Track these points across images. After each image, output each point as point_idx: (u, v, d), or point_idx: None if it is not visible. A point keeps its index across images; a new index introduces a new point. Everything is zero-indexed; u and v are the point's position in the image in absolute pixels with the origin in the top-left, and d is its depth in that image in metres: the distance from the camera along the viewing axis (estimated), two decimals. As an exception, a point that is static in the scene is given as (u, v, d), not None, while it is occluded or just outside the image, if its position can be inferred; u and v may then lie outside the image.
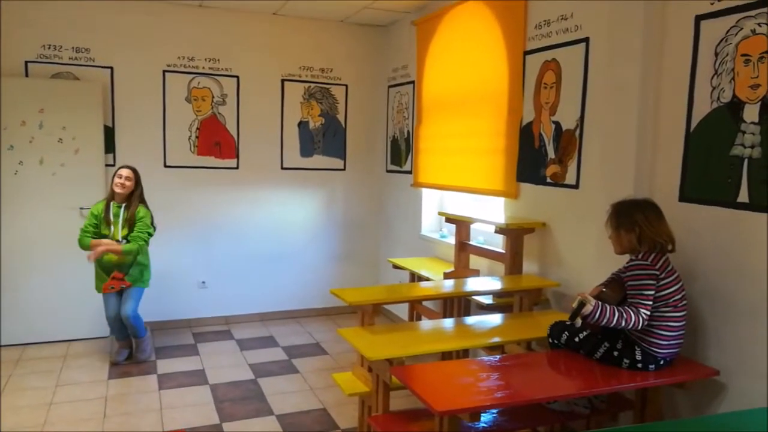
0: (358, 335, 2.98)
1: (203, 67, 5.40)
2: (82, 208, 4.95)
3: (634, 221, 2.62)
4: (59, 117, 4.83)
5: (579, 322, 2.58)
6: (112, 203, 4.43)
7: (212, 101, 5.47)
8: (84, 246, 4.37)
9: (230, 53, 5.47)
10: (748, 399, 2.57)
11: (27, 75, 4.86)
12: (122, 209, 4.43)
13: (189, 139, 5.43)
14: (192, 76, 5.38)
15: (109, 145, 5.13)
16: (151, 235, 4.52)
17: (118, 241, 4.39)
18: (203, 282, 5.58)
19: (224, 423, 3.65)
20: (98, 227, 4.40)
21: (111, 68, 5.11)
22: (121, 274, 4.48)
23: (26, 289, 4.86)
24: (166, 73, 5.30)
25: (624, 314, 2.51)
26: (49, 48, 4.91)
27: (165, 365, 4.58)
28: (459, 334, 3.17)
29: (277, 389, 4.18)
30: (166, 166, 5.37)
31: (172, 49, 5.29)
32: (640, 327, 2.53)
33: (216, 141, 5.52)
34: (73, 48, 4.98)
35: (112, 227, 4.41)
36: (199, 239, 5.51)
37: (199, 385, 4.23)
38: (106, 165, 5.10)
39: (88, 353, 4.78)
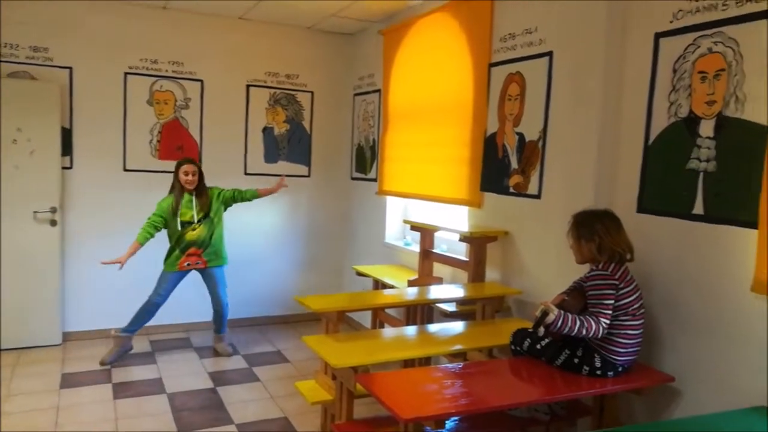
0: (323, 343, 2.97)
1: (166, 71, 5.31)
2: (36, 212, 4.79)
3: (595, 231, 2.69)
4: (14, 117, 4.67)
5: (542, 330, 2.63)
6: (183, 193, 4.61)
7: (175, 105, 5.38)
8: (139, 239, 4.50)
9: (194, 57, 5.39)
10: (701, 405, 2.65)
11: (-20, 73, 4.69)
12: (193, 196, 4.64)
13: (150, 142, 5.32)
14: (154, 79, 5.28)
15: (67, 148, 4.99)
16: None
17: (196, 222, 4.63)
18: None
19: (182, 433, 3.57)
20: (166, 221, 4.59)
21: (70, 69, 4.98)
22: (198, 251, 4.67)
23: (-26, 294, 4.67)
24: (128, 75, 5.18)
25: (585, 323, 2.57)
26: (5, 46, 4.75)
27: (120, 374, 4.45)
28: (422, 342, 3.19)
29: (238, 398, 4.11)
30: (125, 169, 5.24)
31: (135, 51, 5.19)
32: (600, 335, 2.59)
33: (178, 145, 5.43)
34: (30, 47, 4.83)
35: (189, 212, 4.63)
36: (159, 244, 5.36)
37: (156, 394, 4.12)
38: (63, 168, 4.95)
39: (40, 361, 4.61)
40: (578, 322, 2.56)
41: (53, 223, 4.87)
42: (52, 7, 4.86)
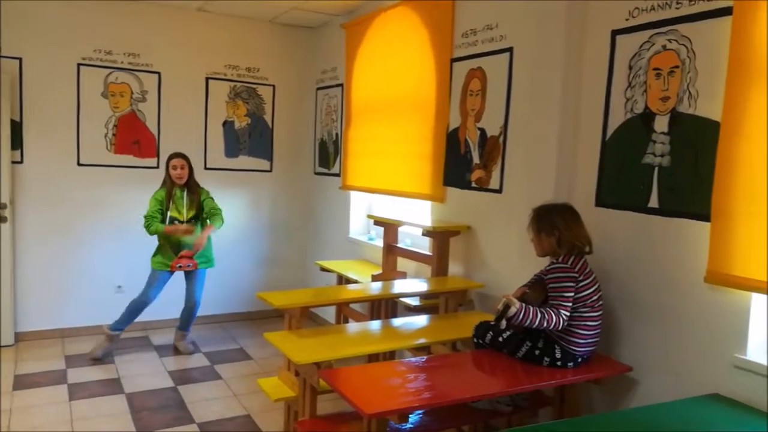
0: (286, 339, 2.94)
1: (122, 62, 5.17)
2: (-16, 208, 4.61)
3: (554, 225, 2.73)
4: (-41, 109, 4.48)
5: (504, 323, 2.66)
6: (174, 188, 4.59)
7: (131, 98, 5.24)
8: (154, 231, 4.50)
9: (151, 48, 5.26)
10: (658, 393, 2.71)
11: None
12: (185, 193, 4.63)
13: (105, 136, 5.17)
14: (109, 70, 5.13)
15: (16, 141, 4.80)
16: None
17: (186, 221, 4.61)
18: (119, 286, 5.31)
19: (142, 433, 3.49)
20: (163, 212, 4.56)
21: (20, 59, 4.79)
22: (190, 253, 4.64)
23: None
24: (81, 67, 5.02)
25: (546, 315, 2.60)
26: (-18, 41, 4.55)
27: (76, 374, 4.33)
28: (386, 336, 3.19)
29: (199, 396, 4.04)
30: (79, 164, 5.08)
31: (88, 42, 5.03)
32: (560, 327, 2.63)
33: (135, 139, 5.29)
34: (-24, 36, 4.63)
35: (178, 210, 4.62)
36: (115, 241, 5.24)
37: (114, 394, 4.02)
38: (13, 162, 4.77)
39: (-10, 363, 4.45)
40: (539, 315, 2.60)
41: (3, 219, 4.70)
42: (0, -6, 4.67)
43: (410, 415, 2.73)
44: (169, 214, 4.58)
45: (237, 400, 4.01)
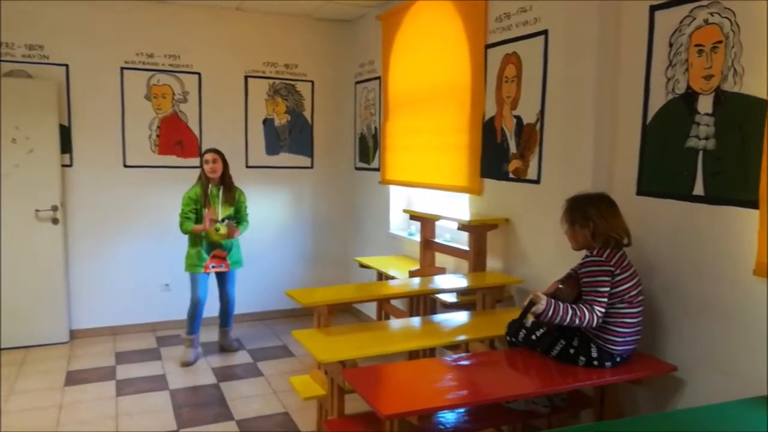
0: (312, 337, 2.90)
1: (163, 64, 5.27)
2: (37, 211, 4.80)
3: (588, 216, 2.57)
4: (12, 116, 4.67)
5: (529, 320, 2.53)
6: (210, 186, 4.51)
7: (173, 99, 5.34)
8: (186, 231, 4.48)
9: (191, 50, 5.34)
10: (706, 394, 2.53)
11: (-23, 73, 4.70)
12: (220, 191, 4.55)
13: (149, 137, 5.30)
14: (151, 73, 5.24)
15: (66, 145, 4.98)
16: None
17: (220, 221, 4.51)
18: (167, 284, 5.44)
19: (182, 429, 3.54)
20: (197, 211, 4.48)
21: (66, 66, 4.96)
22: (223, 253, 4.63)
23: (-20, 294, 4.70)
24: (124, 70, 5.16)
25: (578, 312, 2.46)
26: (0, 45, 4.74)
27: (124, 371, 4.45)
28: (417, 334, 3.11)
29: (240, 393, 4.08)
30: (125, 165, 5.22)
31: (130, 46, 5.15)
32: (594, 324, 2.48)
33: (178, 140, 5.39)
34: (26, 45, 4.82)
35: (214, 207, 4.54)
36: (162, 240, 5.36)
37: (158, 390, 4.11)
38: (63, 165, 4.96)
39: (46, 360, 4.64)
40: (570, 311, 2.45)
41: (55, 221, 4.88)
42: (47, 5, 4.83)
43: (446, 414, 2.66)
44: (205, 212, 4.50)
45: (276, 397, 4.02)
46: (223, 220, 4.53)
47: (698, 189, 2.56)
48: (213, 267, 4.64)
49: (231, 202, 4.60)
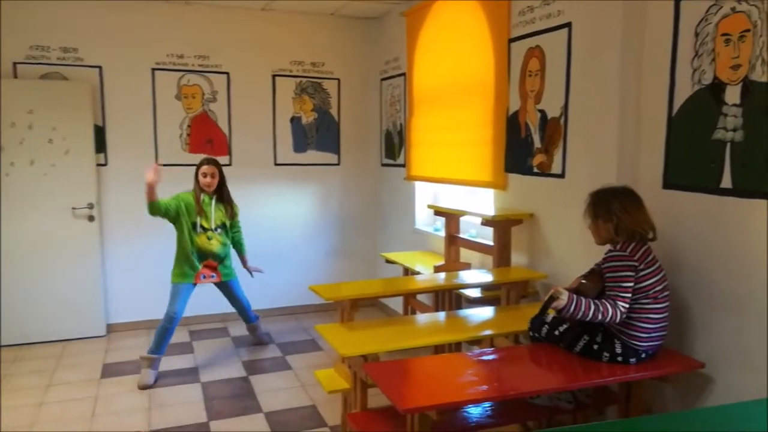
0: (335, 331, 2.94)
1: (192, 65, 5.37)
2: (74, 208, 4.96)
3: (611, 210, 2.54)
4: (49, 117, 4.83)
5: (550, 315, 2.51)
6: (203, 195, 4.33)
7: (203, 98, 5.44)
8: (151, 205, 4.09)
9: (219, 50, 5.43)
10: (735, 392, 2.48)
11: (15, 76, 4.86)
12: (213, 200, 4.40)
13: (180, 136, 5.41)
14: (181, 73, 5.35)
15: (100, 145, 5.13)
16: None
17: (212, 229, 4.38)
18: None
19: (212, 421, 3.62)
20: (178, 210, 4.24)
21: (100, 67, 5.10)
22: (215, 263, 4.44)
23: (22, 289, 4.88)
24: (155, 71, 5.28)
25: (601, 307, 2.43)
26: (36, 49, 4.90)
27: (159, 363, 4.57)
28: (440, 329, 3.12)
29: (268, 386, 4.15)
30: (158, 164, 5.33)
31: (161, 47, 5.26)
32: (618, 320, 2.45)
33: (208, 138, 5.50)
34: (61, 48, 4.97)
35: (207, 217, 4.35)
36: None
37: (190, 383, 4.21)
38: (98, 164, 5.10)
39: (83, 353, 4.80)
40: (593, 307, 2.43)
41: (91, 218, 5.03)
42: (80, 8, 4.98)
43: (471, 409, 2.67)
44: (199, 221, 4.29)
45: (304, 390, 4.08)
46: (216, 229, 4.39)
47: (726, 182, 2.50)
48: (204, 278, 4.40)
49: (228, 216, 4.48)
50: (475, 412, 2.73)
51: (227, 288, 4.67)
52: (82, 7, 4.98)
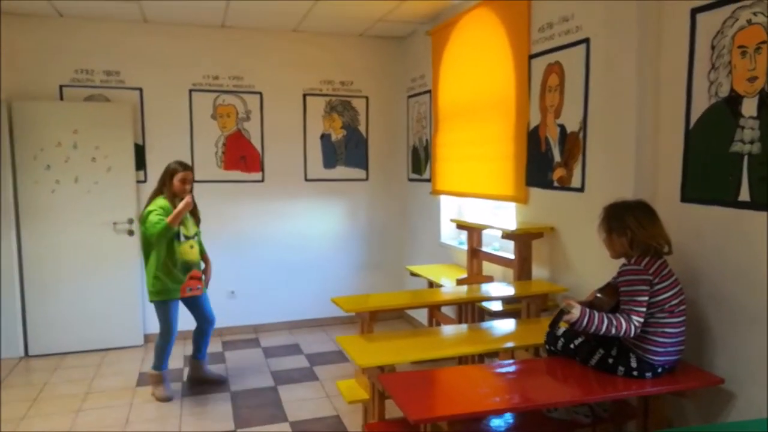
0: (354, 342, 3.01)
1: (227, 85, 5.58)
2: (115, 223, 5.19)
3: (626, 225, 2.54)
4: (92, 137, 5.09)
5: (561, 329, 2.52)
6: (176, 201, 4.03)
7: (237, 117, 5.64)
8: (163, 228, 3.85)
9: (253, 70, 5.63)
10: (756, 408, 2.44)
11: (62, 98, 5.15)
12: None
13: (216, 154, 5.61)
14: (217, 94, 5.56)
15: (140, 163, 5.36)
16: None
17: (191, 237, 4.16)
18: (232, 291, 5.72)
19: (238, 429, 3.73)
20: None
21: (140, 89, 5.35)
22: (199, 274, 4.20)
23: (64, 300, 5.12)
24: (192, 92, 5.50)
25: (614, 321, 2.44)
26: (81, 72, 5.19)
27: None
28: (458, 341, 3.15)
29: (295, 396, 4.24)
30: (195, 181, 5.53)
31: (198, 69, 5.49)
32: (632, 334, 2.44)
33: (242, 155, 5.68)
34: (104, 71, 5.25)
35: (186, 225, 4.13)
36: (228, 250, 5.65)
37: (221, 392, 4.33)
38: (137, 181, 5.33)
39: (121, 361, 4.98)
40: (606, 321, 2.43)
41: (131, 233, 5.25)
42: (122, 32, 5.25)
43: (489, 422, 2.70)
44: (181, 230, 4.04)
45: (329, 400, 4.15)
46: (193, 236, 4.19)
47: (744, 195, 2.49)
48: (190, 290, 4.14)
49: (197, 222, 4.31)
50: (493, 425, 2.75)
51: (203, 299, 4.30)
52: (124, 32, 5.26)
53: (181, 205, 3.94)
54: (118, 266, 5.26)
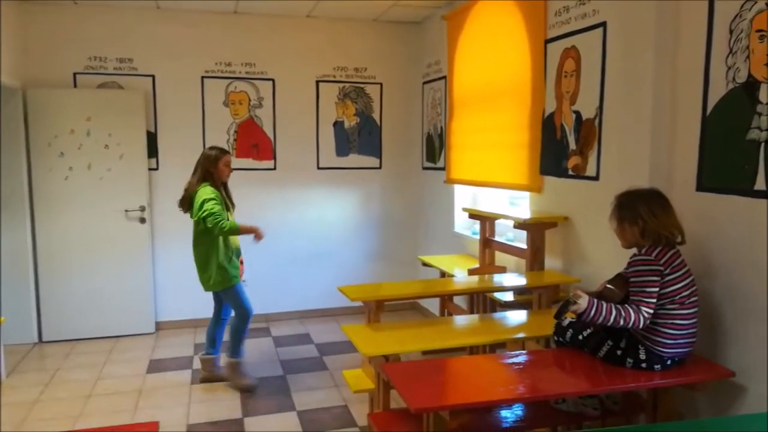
0: (360, 332, 2.99)
1: (240, 72, 5.56)
2: (127, 211, 5.21)
3: (637, 214, 2.47)
4: (105, 124, 5.11)
5: (567, 320, 2.47)
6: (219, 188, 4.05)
7: (249, 104, 5.62)
8: (230, 228, 3.88)
9: (265, 57, 5.59)
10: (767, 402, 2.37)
11: (75, 86, 5.17)
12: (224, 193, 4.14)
13: (227, 141, 5.60)
14: (229, 80, 5.54)
15: (152, 150, 5.37)
16: None
17: None
18: (244, 280, 5.68)
19: (246, 417, 3.73)
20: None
21: (153, 76, 5.35)
22: (241, 257, 4.28)
23: (77, 287, 5.16)
24: (205, 79, 5.49)
25: (623, 312, 2.37)
26: (95, 59, 5.20)
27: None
28: (465, 332, 3.12)
29: (304, 385, 4.23)
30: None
31: (210, 56, 5.47)
32: (641, 326, 2.38)
33: (253, 143, 5.66)
34: (117, 59, 5.25)
35: (230, 212, 4.17)
36: (242, 238, 5.62)
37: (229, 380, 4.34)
38: (150, 169, 5.35)
39: (133, 348, 5.02)
40: (614, 312, 2.37)
41: (143, 220, 5.28)
42: (135, 20, 5.25)
43: (502, 411, 2.65)
44: (230, 216, 4.09)
45: (338, 390, 4.14)
46: None
47: (760, 183, 2.40)
48: (243, 276, 4.23)
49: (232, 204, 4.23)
50: (502, 416, 2.71)
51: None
52: (136, 19, 5.25)
53: (256, 230, 4.03)
54: (130, 253, 5.29)
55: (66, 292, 5.14)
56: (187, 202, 4.07)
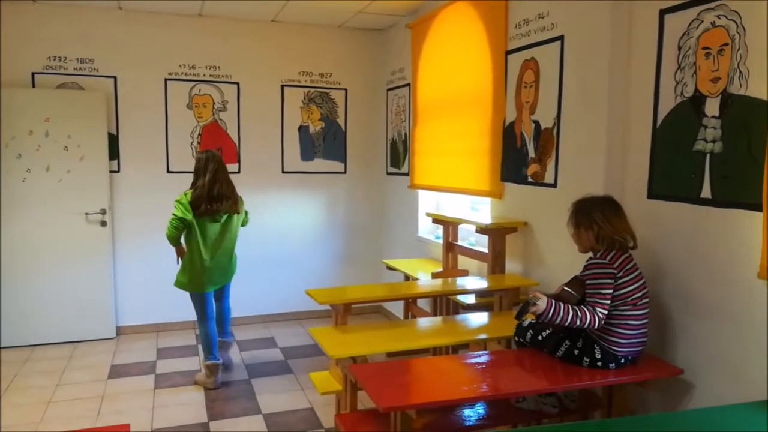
0: (328, 334, 3.03)
1: (204, 75, 5.54)
2: (87, 213, 5.13)
3: (593, 219, 2.60)
4: (65, 126, 5.02)
5: (527, 320, 2.58)
6: None
7: (213, 107, 5.60)
8: (172, 240, 4.32)
9: (230, 60, 5.59)
10: (714, 398, 2.52)
11: (33, 86, 5.06)
12: None
13: (191, 144, 5.57)
14: (193, 83, 5.52)
15: (113, 152, 5.30)
16: None
17: None
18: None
19: (211, 422, 3.73)
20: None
21: (114, 78, 5.29)
22: None
23: (35, 292, 5.05)
24: (168, 81, 5.45)
25: (579, 313, 2.49)
26: (54, 59, 5.11)
27: (164, 365, 4.70)
28: (429, 333, 3.20)
29: (269, 389, 4.25)
30: (169, 171, 5.51)
31: (174, 58, 5.44)
32: (596, 326, 2.51)
33: (217, 146, 5.63)
34: (77, 59, 5.17)
35: None
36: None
37: (193, 384, 4.33)
38: (111, 171, 5.27)
39: (92, 354, 4.94)
40: (571, 312, 2.49)
41: (103, 223, 5.20)
42: (96, 20, 5.18)
43: (465, 410, 2.74)
44: None
45: (303, 393, 4.17)
46: None
47: (706, 192, 2.56)
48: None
49: None
50: (463, 415, 2.80)
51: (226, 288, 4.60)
52: (98, 20, 5.18)
53: (180, 255, 4.52)
54: (90, 257, 5.20)
55: (24, 297, 5.02)
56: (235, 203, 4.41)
